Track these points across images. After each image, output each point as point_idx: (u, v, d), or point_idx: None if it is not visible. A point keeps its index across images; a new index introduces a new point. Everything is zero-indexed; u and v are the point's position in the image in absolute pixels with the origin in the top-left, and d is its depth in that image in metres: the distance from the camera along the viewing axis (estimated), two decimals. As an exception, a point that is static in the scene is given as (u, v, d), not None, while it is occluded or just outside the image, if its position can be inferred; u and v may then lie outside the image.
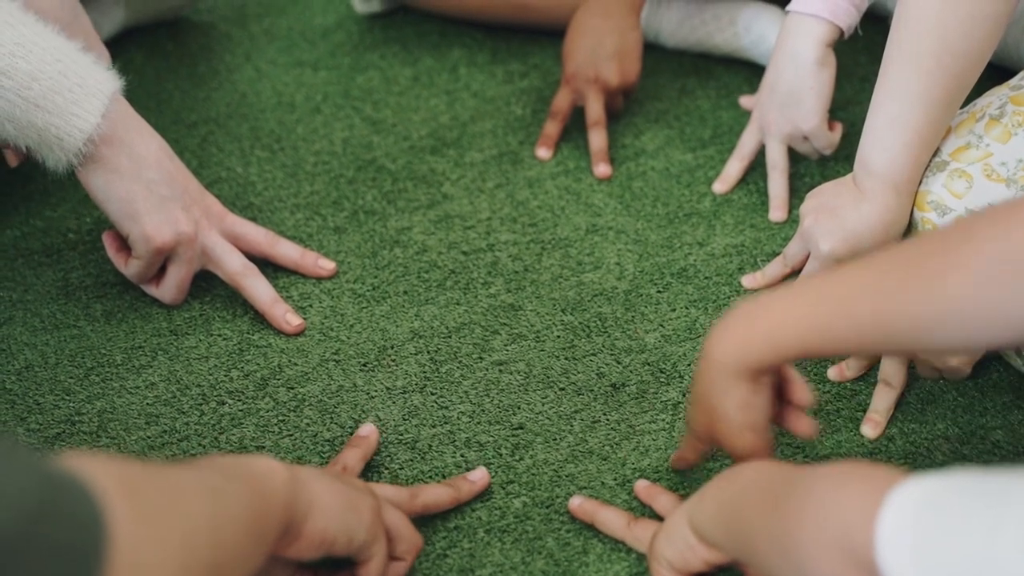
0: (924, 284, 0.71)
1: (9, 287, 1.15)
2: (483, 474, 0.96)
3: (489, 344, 1.09)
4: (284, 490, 0.74)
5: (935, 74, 1.02)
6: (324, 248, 1.19)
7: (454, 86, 1.43)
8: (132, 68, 1.41)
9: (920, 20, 1.02)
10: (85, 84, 1.02)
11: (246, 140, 1.35)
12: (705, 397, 0.83)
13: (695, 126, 1.36)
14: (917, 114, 1.02)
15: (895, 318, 0.73)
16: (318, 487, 0.78)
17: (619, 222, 1.22)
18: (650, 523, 0.89)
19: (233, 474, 0.71)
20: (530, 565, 0.90)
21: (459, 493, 0.94)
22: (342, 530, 0.79)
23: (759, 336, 0.79)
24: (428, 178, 1.29)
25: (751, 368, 0.80)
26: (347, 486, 0.82)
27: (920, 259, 0.72)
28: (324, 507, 0.78)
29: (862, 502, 0.62)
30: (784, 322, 0.78)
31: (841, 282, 0.77)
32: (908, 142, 1.03)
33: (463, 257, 1.18)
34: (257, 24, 1.56)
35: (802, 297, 0.78)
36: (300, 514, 0.75)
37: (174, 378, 1.06)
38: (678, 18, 1.45)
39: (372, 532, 0.82)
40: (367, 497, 0.83)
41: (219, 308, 1.13)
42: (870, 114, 1.06)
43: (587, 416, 1.02)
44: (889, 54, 1.05)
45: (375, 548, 0.82)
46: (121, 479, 0.58)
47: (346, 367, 1.07)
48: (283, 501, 0.73)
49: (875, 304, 0.74)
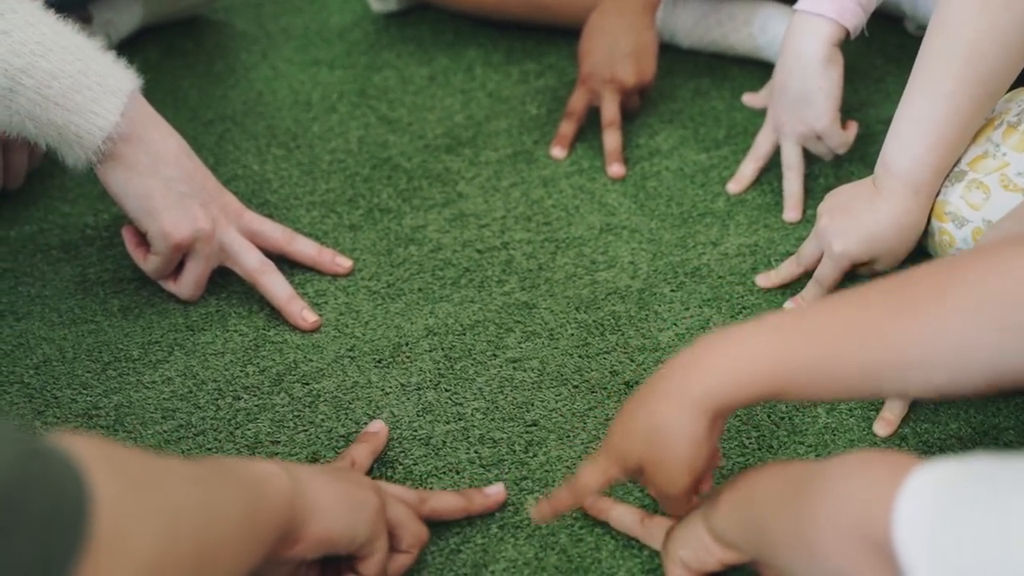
0: (910, 330, 0.69)
1: (27, 282, 1.16)
2: (499, 490, 0.95)
3: (503, 342, 1.09)
4: (284, 494, 0.74)
5: (966, 80, 1.02)
6: (339, 245, 1.20)
7: (469, 85, 1.44)
8: (150, 66, 1.42)
9: (956, 26, 1.02)
10: (104, 82, 1.03)
11: (262, 138, 1.36)
12: (653, 425, 0.77)
13: (709, 126, 1.37)
14: (944, 118, 1.03)
15: (882, 367, 0.71)
16: (319, 489, 0.78)
17: (633, 221, 1.23)
18: (663, 520, 0.89)
19: (229, 471, 0.71)
20: (543, 561, 0.91)
21: (471, 504, 0.93)
22: (344, 531, 0.79)
23: (732, 374, 0.74)
24: (443, 177, 1.29)
25: (718, 407, 0.75)
26: (350, 484, 0.82)
27: (905, 303, 0.70)
28: (326, 509, 0.78)
29: (880, 486, 0.61)
30: (761, 361, 0.73)
31: (823, 324, 0.73)
32: (932, 144, 1.04)
33: (477, 255, 1.19)
34: (274, 23, 1.57)
35: (781, 336, 0.73)
36: (301, 518, 0.75)
37: (190, 373, 1.07)
38: (693, 18, 1.46)
39: (374, 530, 0.82)
40: (369, 494, 0.83)
41: (235, 304, 1.13)
42: (897, 114, 1.06)
43: (600, 414, 1.02)
44: (922, 57, 1.05)
45: (376, 545, 0.82)
46: (105, 456, 0.58)
47: (361, 363, 1.07)
48: (283, 504, 0.73)
49: (862, 352, 0.71)
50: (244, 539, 0.68)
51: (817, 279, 1.10)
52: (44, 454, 0.54)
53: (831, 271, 1.09)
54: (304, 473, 0.78)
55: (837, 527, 0.64)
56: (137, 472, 0.60)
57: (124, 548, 0.56)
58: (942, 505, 0.58)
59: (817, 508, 0.66)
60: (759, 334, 0.74)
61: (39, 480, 0.52)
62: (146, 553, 0.57)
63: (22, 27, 1.00)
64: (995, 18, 1.00)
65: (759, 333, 0.74)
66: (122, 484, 0.57)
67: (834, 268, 1.08)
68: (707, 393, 0.75)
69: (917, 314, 0.69)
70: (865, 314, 0.72)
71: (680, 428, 0.76)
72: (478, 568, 0.90)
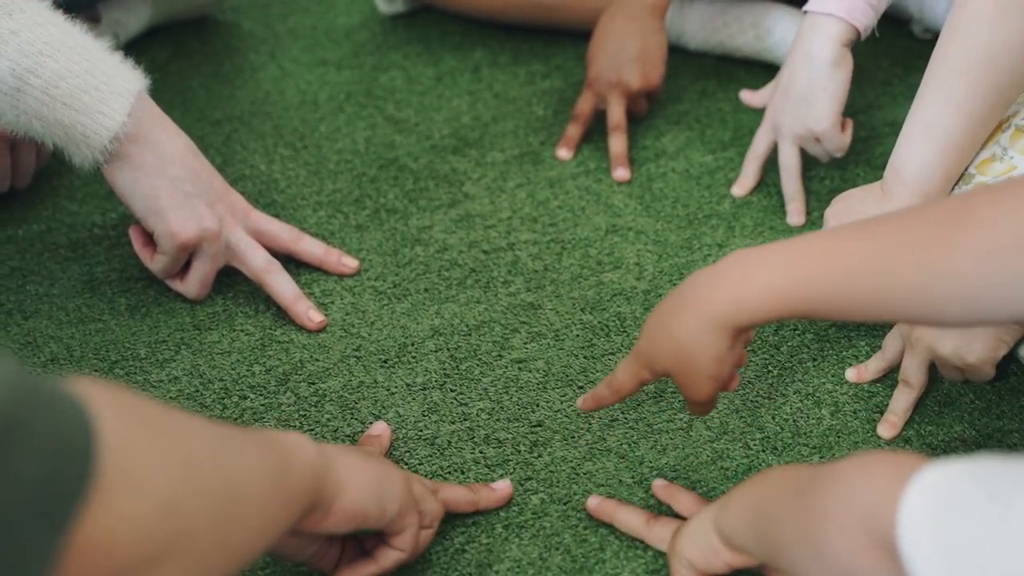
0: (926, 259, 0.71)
1: (35, 281, 1.16)
2: (506, 485, 0.96)
3: (509, 342, 1.10)
4: (312, 462, 0.73)
5: (979, 86, 1.02)
6: (346, 246, 1.20)
7: (476, 86, 1.44)
8: (157, 66, 1.43)
9: (971, 33, 1.02)
10: (111, 83, 1.03)
11: (270, 138, 1.36)
12: (679, 341, 0.81)
13: (716, 128, 1.37)
14: (955, 124, 1.03)
15: (896, 292, 0.73)
16: (349, 463, 0.78)
17: (639, 223, 1.23)
18: (670, 521, 0.90)
19: (255, 434, 0.70)
20: (547, 561, 0.91)
21: (478, 498, 0.94)
22: (374, 504, 0.79)
23: (754, 294, 0.77)
24: (449, 177, 1.30)
25: (739, 325, 0.79)
26: (377, 460, 0.82)
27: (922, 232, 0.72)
28: (355, 483, 0.78)
29: (886, 485, 0.62)
30: (781, 281, 0.76)
31: (843, 248, 0.75)
32: (942, 151, 1.04)
33: (483, 256, 1.19)
34: (281, 23, 1.57)
35: (801, 258, 0.76)
36: (330, 490, 0.76)
37: (197, 372, 1.07)
38: (701, 20, 1.46)
39: (404, 504, 0.82)
40: (397, 471, 0.83)
41: (242, 304, 1.14)
42: (908, 120, 1.06)
43: (605, 415, 1.03)
44: (934, 63, 1.05)
45: (408, 519, 0.83)
46: (115, 399, 0.57)
47: (367, 363, 1.08)
48: (310, 473, 0.73)
49: (876, 277, 0.73)
50: (269, 499, 0.68)
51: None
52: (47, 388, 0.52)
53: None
54: (332, 448, 0.79)
55: (845, 527, 0.64)
56: (148, 417, 0.59)
57: (136, 481, 0.54)
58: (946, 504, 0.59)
59: (824, 509, 0.66)
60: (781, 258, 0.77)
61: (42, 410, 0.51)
62: (164, 489, 0.56)
63: (30, 27, 1.00)
64: (1009, 25, 1.00)
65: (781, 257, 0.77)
66: (129, 421, 0.56)
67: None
68: (729, 312, 0.79)
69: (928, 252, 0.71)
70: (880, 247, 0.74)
71: (703, 344, 0.81)
72: (483, 568, 0.90)
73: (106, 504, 0.53)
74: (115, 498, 0.53)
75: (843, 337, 1.09)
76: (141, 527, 0.55)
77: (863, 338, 1.09)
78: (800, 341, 1.09)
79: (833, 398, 1.04)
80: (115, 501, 0.53)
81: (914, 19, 1.46)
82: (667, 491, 0.94)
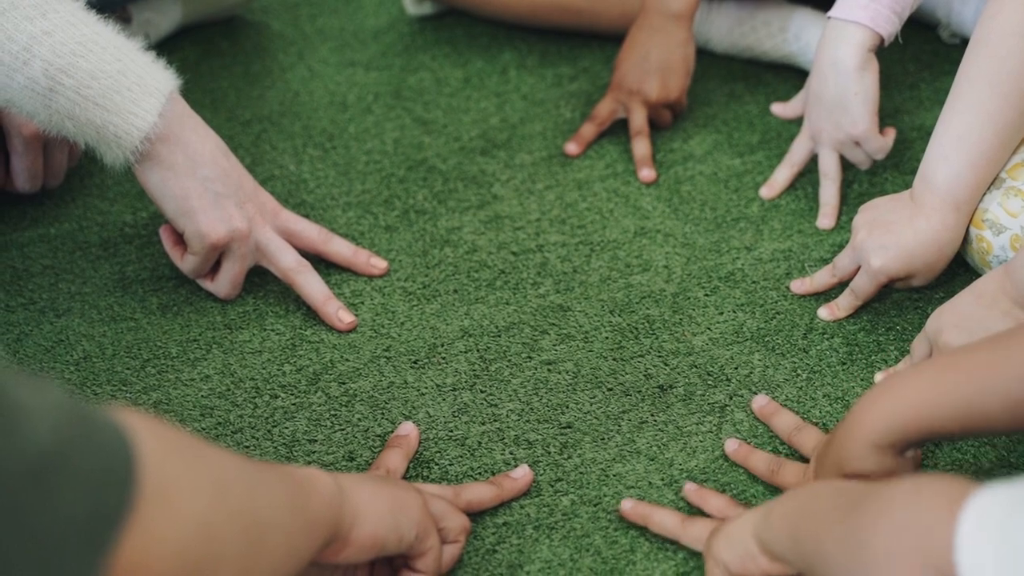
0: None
1: (67, 279, 1.17)
2: (525, 471, 0.97)
3: (538, 344, 1.10)
4: (330, 493, 0.75)
5: (1011, 97, 1.02)
6: (375, 246, 1.21)
7: (504, 88, 1.45)
8: (188, 66, 1.44)
9: (1002, 42, 1.02)
10: (143, 83, 1.04)
11: (299, 138, 1.37)
12: (843, 467, 0.85)
13: (743, 131, 1.37)
14: (987, 134, 1.03)
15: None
16: (363, 493, 0.79)
17: (667, 225, 1.23)
18: (705, 522, 0.90)
19: (274, 466, 0.72)
20: (578, 562, 0.91)
21: (502, 491, 0.95)
22: (391, 531, 0.80)
23: (905, 410, 0.81)
24: (478, 179, 1.30)
25: (896, 441, 0.82)
26: (392, 486, 0.83)
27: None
28: (370, 512, 0.79)
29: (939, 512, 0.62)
30: (929, 398, 0.80)
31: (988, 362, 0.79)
32: (974, 161, 1.04)
33: (512, 257, 1.20)
34: (310, 24, 1.58)
35: (947, 374, 0.81)
36: (347, 522, 0.77)
37: (228, 371, 1.08)
38: (728, 24, 1.46)
39: (422, 528, 0.83)
40: (412, 494, 0.84)
41: (272, 303, 1.14)
42: (937, 129, 1.06)
43: (635, 417, 1.03)
44: (964, 72, 1.05)
45: (428, 542, 0.84)
46: (152, 427, 0.59)
47: (397, 364, 1.08)
48: (329, 502, 0.75)
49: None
50: (293, 528, 0.69)
51: (853, 290, 1.10)
52: (92, 418, 0.55)
53: (867, 284, 1.09)
54: (346, 479, 0.79)
55: (896, 554, 0.64)
56: (183, 444, 0.61)
57: (172, 505, 0.57)
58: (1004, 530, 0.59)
59: (875, 532, 0.66)
60: (930, 374, 0.83)
61: (86, 435, 0.53)
62: (198, 513, 0.58)
63: (63, 27, 1.01)
64: None
65: (928, 374, 0.83)
66: (166, 446, 0.58)
67: (871, 282, 1.08)
68: (884, 434, 0.83)
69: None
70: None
71: (862, 463, 0.84)
72: (514, 568, 0.91)
73: (145, 528, 0.55)
74: (154, 522, 0.55)
75: (872, 342, 1.09)
76: (177, 550, 0.57)
77: (892, 342, 1.09)
78: (829, 345, 1.09)
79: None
80: (154, 525, 0.55)
81: (942, 24, 1.46)
82: (698, 495, 0.95)
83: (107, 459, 0.54)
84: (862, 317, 1.12)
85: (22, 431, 0.50)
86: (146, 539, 0.55)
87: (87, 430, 0.53)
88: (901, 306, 1.13)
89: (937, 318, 1.00)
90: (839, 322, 1.11)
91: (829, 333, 1.10)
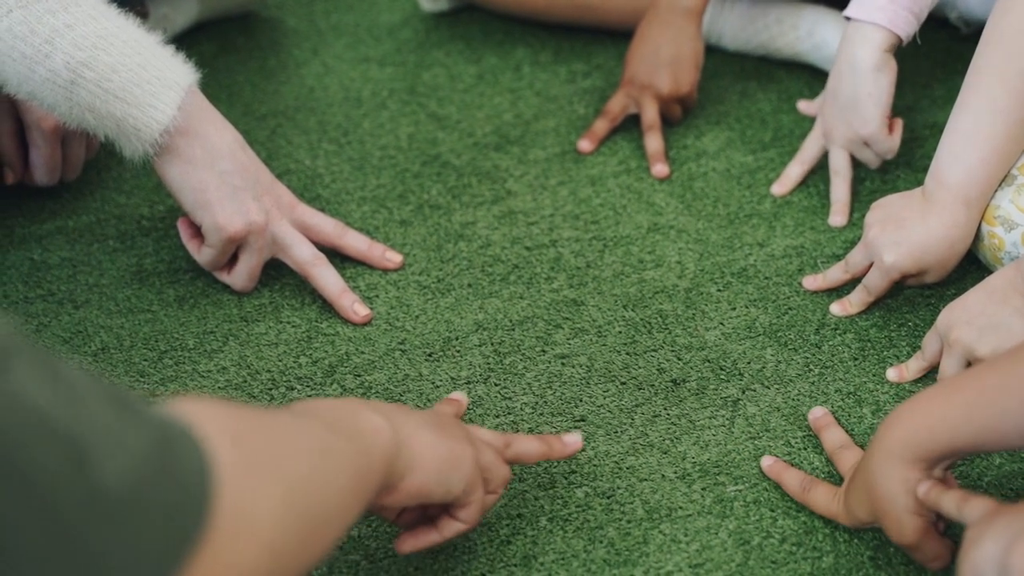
0: None
1: (85, 271, 1.18)
2: (577, 438, 0.94)
3: (552, 338, 1.11)
4: (389, 451, 0.75)
5: (1021, 93, 1.03)
6: (390, 240, 1.22)
7: (518, 84, 1.46)
8: (204, 61, 1.43)
9: (1012, 39, 1.03)
10: (163, 76, 1.05)
11: (314, 133, 1.37)
12: (869, 484, 0.86)
13: (756, 128, 1.38)
14: (998, 130, 1.03)
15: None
16: (420, 443, 0.79)
17: (680, 221, 1.24)
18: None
19: (340, 430, 0.72)
20: (591, 553, 0.92)
21: (550, 449, 0.93)
22: (439, 484, 0.80)
23: (925, 429, 0.83)
24: (492, 174, 1.31)
25: (919, 457, 0.83)
26: (450, 439, 0.82)
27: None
28: (424, 465, 0.79)
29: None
30: (947, 418, 0.82)
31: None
32: (985, 158, 1.04)
33: (526, 252, 1.20)
34: (325, 20, 1.59)
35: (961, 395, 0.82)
36: (399, 472, 0.77)
37: (244, 363, 1.09)
38: (740, 22, 1.47)
39: (470, 483, 0.83)
40: (467, 448, 0.83)
41: (288, 296, 1.15)
42: (948, 126, 1.07)
43: (648, 410, 1.04)
44: (976, 69, 1.06)
45: (474, 495, 0.84)
46: (227, 428, 0.60)
47: (412, 356, 1.09)
48: (386, 461, 0.75)
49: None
50: (351, 500, 0.70)
51: (865, 286, 1.11)
52: (170, 434, 0.55)
53: (880, 281, 1.09)
54: (410, 426, 0.79)
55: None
56: (257, 444, 0.62)
57: (247, 522, 0.57)
58: None
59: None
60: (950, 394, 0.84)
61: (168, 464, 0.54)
62: (268, 525, 0.59)
63: (85, 21, 1.02)
64: None
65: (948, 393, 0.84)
66: (242, 456, 0.59)
67: (883, 278, 1.09)
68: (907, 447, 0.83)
69: None
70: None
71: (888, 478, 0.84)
72: (528, 559, 0.91)
73: (218, 548, 0.55)
74: (226, 542, 0.56)
75: (884, 338, 1.10)
76: (248, 568, 0.58)
77: (904, 338, 1.10)
78: (841, 340, 1.10)
79: (874, 397, 1.04)
80: (226, 545, 0.56)
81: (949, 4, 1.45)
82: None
83: (185, 482, 0.55)
84: (874, 313, 1.12)
85: (94, 470, 0.50)
86: (217, 561, 0.55)
87: (164, 454, 0.54)
88: (913, 302, 1.13)
89: (948, 315, 1.01)
90: (851, 318, 1.12)
91: (841, 329, 1.11)
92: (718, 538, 0.93)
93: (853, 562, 0.91)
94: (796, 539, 0.93)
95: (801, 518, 0.94)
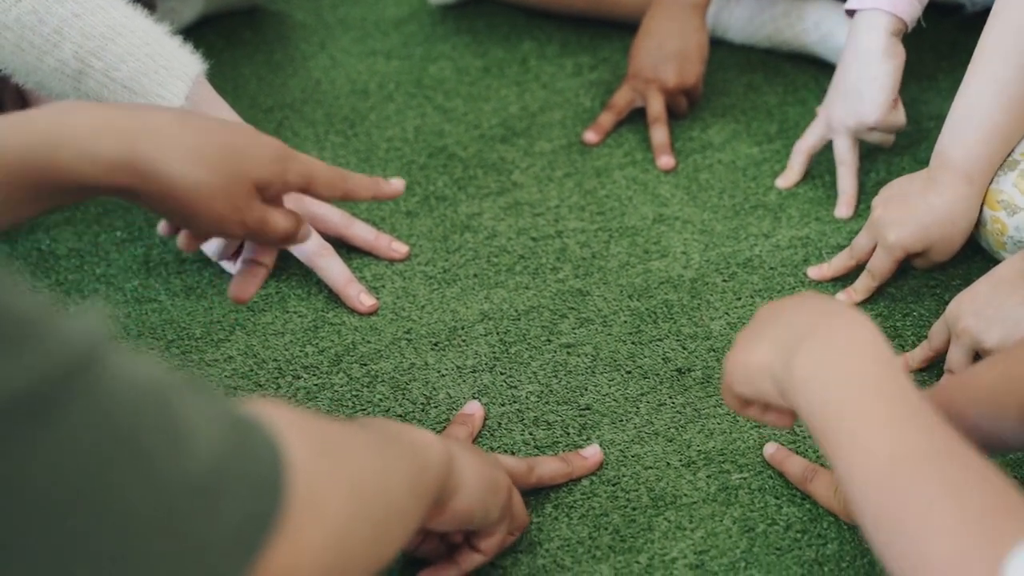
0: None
1: (93, 262, 1.19)
2: (596, 451, 0.97)
3: (557, 327, 1.11)
4: (444, 465, 0.75)
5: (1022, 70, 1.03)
6: (396, 231, 1.22)
7: (524, 77, 1.46)
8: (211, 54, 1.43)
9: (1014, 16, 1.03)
10: (171, 66, 1.05)
11: (320, 125, 1.38)
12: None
13: (761, 121, 1.38)
14: (999, 107, 1.04)
15: None
16: (467, 466, 0.80)
17: (686, 212, 1.24)
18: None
19: (396, 439, 0.72)
20: (596, 540, 0.92)
21: (572, 468, 0.96)
22: (481, 509, 0.81)
23: None
24: (498, 166, 1.31)
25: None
26: (488, 465, 0.83)
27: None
28: (470, 487, 0.79)
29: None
30: None
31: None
32: (986, 134, 1.04)
33: (532, 243, 1.21)
34: (331, 13, 1.59)
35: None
36: (449, 491, 0.77)
37: (251, 352, 1.09)
38: (746, 14, 1.47)
39: (504, 512, 0.84)
40: (503, 476, 0.85)
41: (295, 286, 1.16)
42: (953, 104, 1.07)
43: (653, 399, 1.04)
44: (981, 48, 1.06)
45: (502, 526, 0.85)
46: (295, 422, 0.60)
47: (418, 346, 1.09)
48: (438, 475, 0.75)
49: None
50: (411, 507, 0.70)
51: (870, 271, 1.11)
52: (246, 422, 0.56)
53: (885, 262, 1.10)
54: (455, 448, 0.80)
55: None
56: (323, 438, 0.62)
57: (317, 511, 0.58)
58: None
59: None
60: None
61: (245, 450, 0.55)
62: (337, 516, 0.60)
63: (93, 11, 1.03)
64: None
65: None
66: (312, 450, 0.59)
67: (888, 258, 1.09)
68: None
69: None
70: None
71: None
72: (533, 546, 0.92)
73: (292, 534, 0.56)
74: (299, 528, 0.56)
75: (889, 328, 1.10)
76: (317, 556, 0.58)
77: (909, 328, 1.10)
78: (846, 330, 1.10)
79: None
80: (299, 531, 0.56)
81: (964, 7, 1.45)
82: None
83: (262, 468, 0.55)
84: (879, 303, 1.13)
85: (188, 449, 0.51)
86: (291, 546, 0.56)
87: (243, 441, 0.55)
88: (918, 292, 1.14)
89: (956, 305, 1.01)
90: (856, 307, 1.12)
91: (846, 319, 1.11)
92: (723, 525, 0.93)
93: (857, 549, 0.91)
94: (801, 526, 0.93)
95: (806, 506, 0.94)
